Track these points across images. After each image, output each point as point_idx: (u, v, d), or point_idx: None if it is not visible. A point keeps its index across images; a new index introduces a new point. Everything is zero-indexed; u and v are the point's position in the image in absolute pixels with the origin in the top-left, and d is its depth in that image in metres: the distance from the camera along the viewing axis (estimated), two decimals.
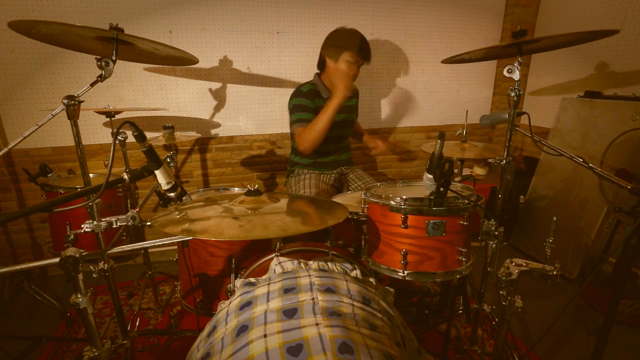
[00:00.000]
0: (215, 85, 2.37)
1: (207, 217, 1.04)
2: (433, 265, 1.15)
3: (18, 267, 0.82)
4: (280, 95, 2.48)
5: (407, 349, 0.82)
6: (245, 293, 0.86)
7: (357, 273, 1.01)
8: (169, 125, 1.70)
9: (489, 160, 1.36)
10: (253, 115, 2.49)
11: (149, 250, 2.18)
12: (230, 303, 0.86)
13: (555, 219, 1.13)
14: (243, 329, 0.73)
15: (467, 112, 1.94)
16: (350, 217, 1.38)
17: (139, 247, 0.98)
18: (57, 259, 0.79)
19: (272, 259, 1.05)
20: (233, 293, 0.93)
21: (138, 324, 1.76)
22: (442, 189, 1.05)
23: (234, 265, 1.30)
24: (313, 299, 0.78)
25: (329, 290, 0.82)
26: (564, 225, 2.33)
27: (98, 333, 0.88)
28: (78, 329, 1.87)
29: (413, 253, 1.14)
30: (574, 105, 2.45)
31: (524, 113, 1.30)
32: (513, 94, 1.18)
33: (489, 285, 1.48)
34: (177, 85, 2.31)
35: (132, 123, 0.91)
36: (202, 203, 1.18)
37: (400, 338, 0.80)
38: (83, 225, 1.03)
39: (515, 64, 1.15)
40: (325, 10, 2.41)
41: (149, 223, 1.02)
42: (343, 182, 2.13)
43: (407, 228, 1.13)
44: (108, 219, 1.02)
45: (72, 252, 0.79)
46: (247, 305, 0.80)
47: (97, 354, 0.87)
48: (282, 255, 1.08)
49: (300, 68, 2.47)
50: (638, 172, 1.87)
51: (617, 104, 2.18)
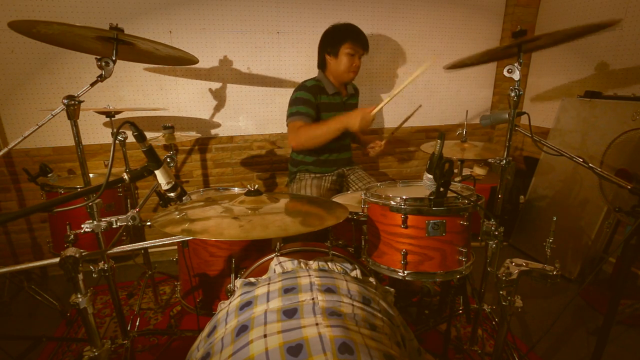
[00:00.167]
0: (215, 85, 2.37)
1: (207, 217, 1.04)
2: (433, 265, 1.15)
3: (18, 267, 0.82)
4: (280, 95, 2.48)
5: (407, 349, 0.82)
6: (245, 293, 0.86)
7: (357, 273, 1.01)
8: (169, 125, 1.70)
9: (489, 160, 1.36)
10: (253, 115, 2.49)
11: (149, 250, 2.18)
12: (230, 303, 0.86)
13: (555, 219, 1.13)
14: (243, 329, 0.73)
15: (467, 112, 1.94)
16: (351, 217, 1.38)
17: (139, 247, 0.99)
18: (57, 259, 0.79)
19: (272, 259, 1.05)
20: (233, 293, 0.93)
21: (138, 324, 1.76)
22: (442, 189, 1.05)
23: (234, 265, 1.30)
24: (313, 299, 0.78)
25: (329, 290, 0.81)
26: (564, 225, 2.33)
27: (98, 333, 0.88)
28: (78, 329, 1.87)
29: (413, 253, 1.15)
30: (574, 105, 2.45)
31: (524, 113, 1.30)
32: (513, 94, 1.17)
33: (489, 285, 1.49)
34: (177, 85, 2.31)
35: (132, 123, 0.91)
36: (202, 203, 1.18)
37: (400, 338, 0.80)
38: (83, 225, 1.03)
39: (515, 64, 1.15)
40: (325, 10, 2.41)
41: (149, 223, 1.02)
42: (344, 184, 2.13)
43: (407, 228, 1.13)
44: (108, 219, 1.01)
45: (72, 252, 0.79)
46: (247, 305, 0.80)
47: (97, 354, 0.87)
48: (282, 255, 1.08)
49: (300, 68, 2.47)
50: (638, 172, 1.87)
51: (617, 104, 2.19)
